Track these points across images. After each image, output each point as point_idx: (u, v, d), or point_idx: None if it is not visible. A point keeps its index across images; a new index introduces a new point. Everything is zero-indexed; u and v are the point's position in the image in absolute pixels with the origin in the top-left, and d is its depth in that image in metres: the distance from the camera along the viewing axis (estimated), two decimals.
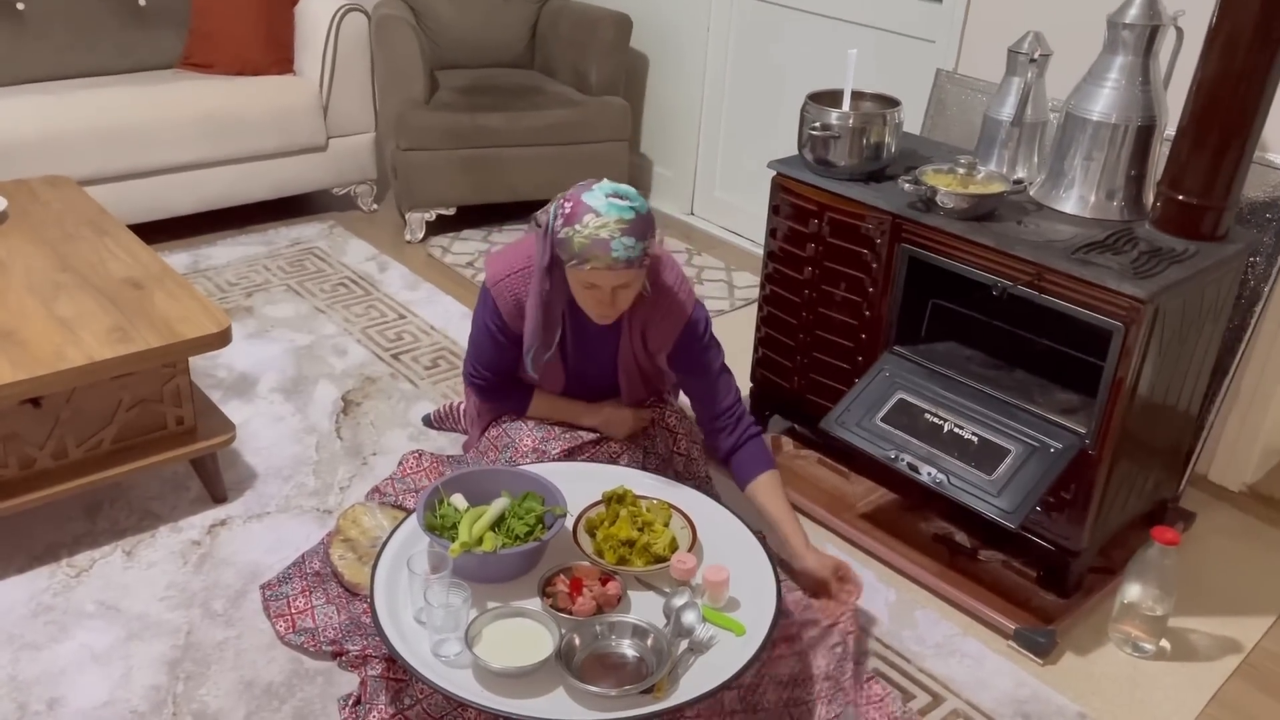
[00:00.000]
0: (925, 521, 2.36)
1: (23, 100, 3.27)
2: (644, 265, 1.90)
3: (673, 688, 1.65)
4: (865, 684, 1.92)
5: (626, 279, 1.88)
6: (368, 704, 1.79)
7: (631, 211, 1.85)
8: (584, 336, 2.12)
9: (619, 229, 1.83)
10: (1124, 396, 1.94)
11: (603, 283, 1.88)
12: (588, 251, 1.84)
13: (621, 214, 1.84)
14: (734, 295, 3.49)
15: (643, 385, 2.22)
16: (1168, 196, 2.05)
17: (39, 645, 1.92)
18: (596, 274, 1.86)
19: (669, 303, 2.05)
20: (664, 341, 2.09)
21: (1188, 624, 2.15)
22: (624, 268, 1.85)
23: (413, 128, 3.54)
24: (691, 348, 2.09)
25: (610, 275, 1.86)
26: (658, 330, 2.08)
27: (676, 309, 2.06)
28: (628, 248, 1.83)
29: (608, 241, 1.82)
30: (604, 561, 1.84)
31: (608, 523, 1.91)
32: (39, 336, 2.06)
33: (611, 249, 1.83)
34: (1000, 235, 2.04)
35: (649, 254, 1.89)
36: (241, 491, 2.37)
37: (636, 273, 1.89)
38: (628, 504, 1.95)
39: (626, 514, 1.91)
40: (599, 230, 1.82)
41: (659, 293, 2.05)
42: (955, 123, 2.82)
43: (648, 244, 1.87)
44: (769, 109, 3.68)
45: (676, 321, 2.06)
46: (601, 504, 1.97)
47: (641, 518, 1.92)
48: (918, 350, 2.29)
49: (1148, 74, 2.06)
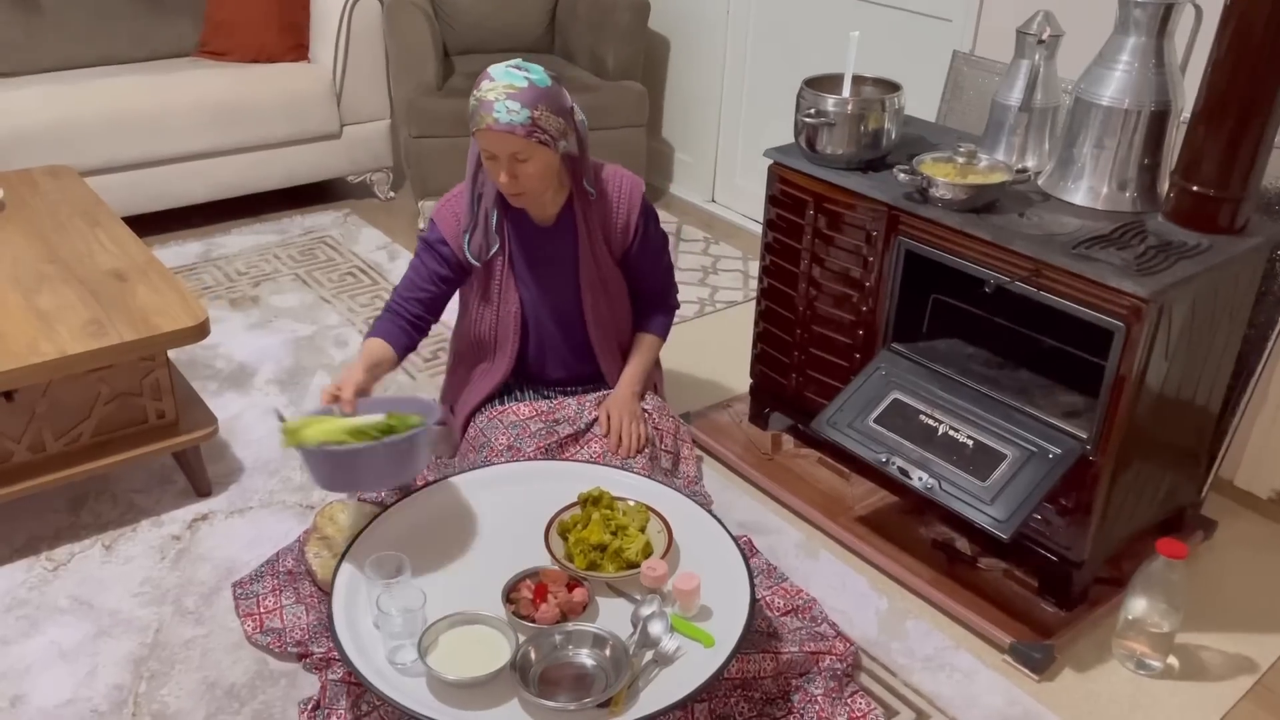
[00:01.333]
0: (925, 526, 2.26)
1: (39, 89, 3.29)
2: (534, 137, 1.92)
3: (631, 701, 1.58)
4: (848, 700, 1.84)
5: (514, 146, 1.91)
6: (327, 708, 1.75)
7: (525, 81, 1.91)
8: (534, 247, 2.14)
9: (505, 93, 1.89)
10: (1127, 400, 1.82)
11: (494, 148, 1.92)
12: (475, 114, 1.92)
13: (512, 80, 1.90)
14: (748, 285, 3.40)
15: (604, 300, 2.21)
16: (1181, 187, 1.92)
17: (9, 640, 1.92)
18: (483, 137, 1.92)
19: (618, 185, 2.15)
20: (626, 226, 2.16)
21: (1199, 640, 2.03)
22: (505, 131, 1.89)
23: (425, 114, 3.49)
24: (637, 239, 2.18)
25: (495, 139, 1.91)
26: (618, 215, 2.15)
27: (626, 188, 2.16)
28: (510, 110, 1.88)
29: (492, 103, 1.89)
30: (573, 566, 1.77)
31: (580, 525, 1.85)
32: (15, 329, 2.04)
33: (495, 109, 1.88)
34: (999, 228, 1.93)
35: (541, 127, 1.92)
36: (226, 485, 2.35)
37: (526, 144, 1.91)
38: (603, 506, 1.88)
39: (599, 517, 1.85)
40: (487, 93, 1.90)
41: (606, 181, 2.14)
42: (972, 107, 2.69)
43: (537, 114, 1.91)
44: (791, 93, 3.55)
45: (630, 200, 2.16)
46: (576, 505, 1.90)
47: (616, 521, 1.85)
48: (917, 348, 2.19)
49: (1162, 56, 1.93)
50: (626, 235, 2.17)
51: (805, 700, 1.81)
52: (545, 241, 2.13)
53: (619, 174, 2.18)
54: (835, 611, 2.05)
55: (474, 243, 2.09)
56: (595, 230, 2.14)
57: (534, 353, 2.23)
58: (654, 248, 2.24)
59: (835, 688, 1.83)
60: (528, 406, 2.20)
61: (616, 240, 2.17)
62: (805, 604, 2.01)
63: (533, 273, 2.15)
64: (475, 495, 1.96)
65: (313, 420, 1.84)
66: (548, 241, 2.13)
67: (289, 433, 1.80)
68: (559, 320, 2.20)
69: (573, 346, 2.23)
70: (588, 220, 2.13)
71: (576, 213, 2.12)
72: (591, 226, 2.13)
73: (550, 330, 2.20)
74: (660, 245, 2.26)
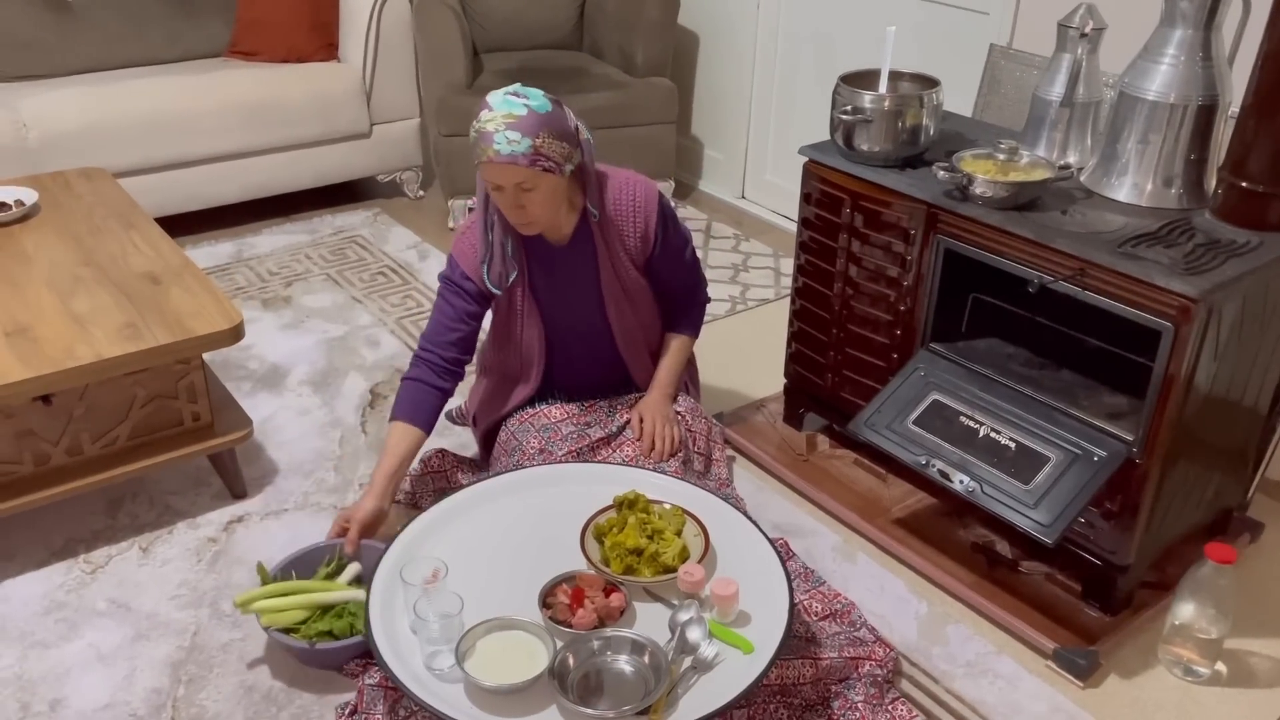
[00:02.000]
0: (964, 529, 2.23)
1: (71, 91, 3.30)
2: (538, 165, 1.86)
3: (671, 709, 1.57)
4: (889, 706, 1.81)
5: (520, 177, 1.86)
6: (364, 713, 1.75)
7: (524, 108, 1.85)
8: (553, 268, 2.09)
9: (505, 123, 1.84)
10: (1174, 402, 1.78)
11: (498, 180, 1.88)
12: (476, 146, 1.87)
13: (511, 109, 1.85)
14: (779, 283, 3.36)
15: (630, 310, 2.17)
16: (1230, 183, 1.87)
17: (48, 644, 1.93)
18: (486, 170, 1.88)
19: (629, 196, 2.08)
20: (645, 234, 2.10)
21: (1248, 645, 1.98)
22: (506, 162, 1.84)
23: (455, 113, 3.48)
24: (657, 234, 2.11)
25: (498, 171, 1.86)
26: (634, 226, 2.09)
27: (639, 199, 2.08)
28: (510, 141, 1.83)
29: (491, 135, 1.84)
30: (609, 571, 1.76)
31: (616, 529, 1.83)
32: (51, 333, 2.05)
33: (494, 142, 1.83)
34: (1041, 226, 1.89)
35: (544, 154, 1.86)
36: (262, 487, 2.35)
37: (530, 173, 1.86)
38: (638, 510, 1.86)
39: (635, 521, 1.83)
40: (486, 124, 1.85)
41: (615, 198, 2.07)
42: (1010, 102, 2.65)
43: (539, 142, 1.85)
44: (822, 88, 3.52)
45: (644, 209, 2.08)
46: (612, 509, 1.89)
47: (652, 525, 1.83)
48: (956, 348, 2.15)
49: (1209, 49, 1.89)
50: (647, 244, 2.11)
51: (846, 707, 1.78)
52: (564, 260, 2.09)
53: (632, 182, 2.10)
54: (874, 616, 2.02)
55: (493, 272, 2.04)
56: (614, 242, 2.08)
57: (561, 370, 2.21)
58: (675, 249, 2.17)
59: (876, 694, 1.81)
60: (559, 409, 2.18)
61: (636, 250, 2.11)
62: (844, 608, 1.99)
63: (554, 294, 2.11)
64: (509, 499, 1.95)
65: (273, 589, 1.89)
66: (566, 260, 2.09)
67: (241, 603, 1.86)
68: (585, 337, 2.17)
69: (601, 360, 2.21)
70: (605, 234, 2.07)
71: (592, 228, 2.07)
72: (609, 239, 2.08)
73: (577, 348, 2.18)
74: (682, 245, 2.20)
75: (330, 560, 2.00)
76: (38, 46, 3.48)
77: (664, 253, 2.15)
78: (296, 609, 1.86)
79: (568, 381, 2.22)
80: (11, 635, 1.94)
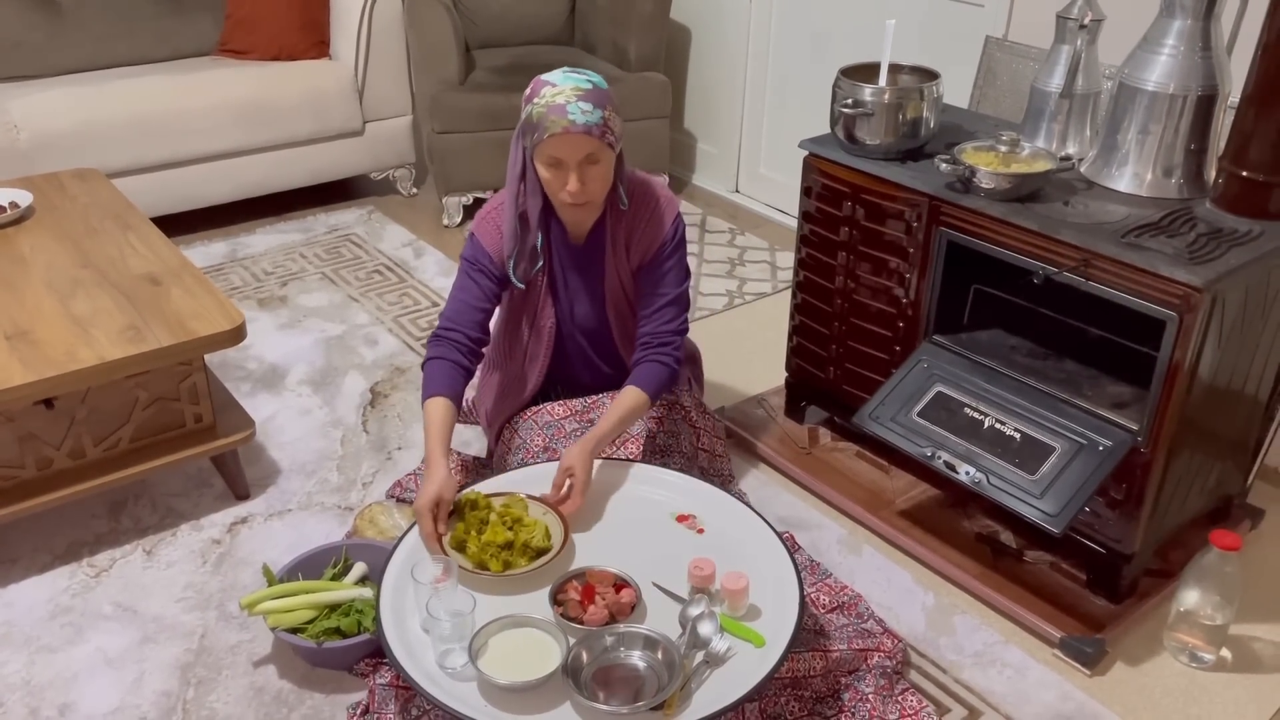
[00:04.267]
0: (969, 520, 2.23)
1: (61, 92, 3.28)
2: (606, 139, 1.88)
3: (685, 704, 1.57)
4: (899, 697, 1.82)
5: (588, 148, 1.87)
6: (375, 713, 1.75)
7: (588, 83, 1.88)
8: (568, 266, 2.09)
9: (575, 95, 1.85)
10: (1179, 391, 1.79)
11: (564, 154, 1.87)
12: (545, 120, 1.85)
13: (577, 83, 1.87)
14: (776, 277, 3.37)
15: (630, 312, 2.15)
16: (1231, 173, 1.89)
17: (54, 648, 1.91)
18: (556, 143, 1.86)
19: (652, 209, 2.07)
20: (648, 247, 2.08)
21: (1252, 631, 2.00)
22: (581, 133, 1.84)
23: (447, 110, 3.47)
24: (659, 255, 2.08)
25: (570, 142, 1.86)
26: (643, 236, 2.07)
27: (658, 215, 2.07)
28: (584, 111, 1.84)
29: (564, 105, 1.84)
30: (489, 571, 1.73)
31: (475, 531, 1.79)
32: (53, 336, 2.04)
33: (568, 112, 1.84)
34: (1044, 217, 1.90)
35: (611, 128, 1.89)
36: (264, 488, 2.34)
37: (599, 145, 1.88)
38: (482, 508, 1.83)
39: (494, 518, 1.81)
40: (555, 98, 1.85)
41: (639, 203, 2.06)
42: (1006, 94, 2.66)
43: (608, 115, 1.88)
44: (815, 81, 3.53)
45: (660, 225, 2.07)
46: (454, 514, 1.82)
47: (509, 515, 1.82)
48: (959, 340, 2.16)
49: (1208, 39, 1.89)
50: (646, 254, 2.08)
51: (856, 699, 1.79)
52: (577, 257, 2.10)
53: (661, 190, 2.10)
54: (881, 607, 2.03)
55: (519, 266, 2.04)
56: (620, 244, 2.08)
57: (564, 362, 2.21)
58: (669, 272, 2.09)
59: (886, 685, 1.81)
60: (562, 406, 2.18)
61: (636, 252, 2.09)
62: (851, 600, 1.99)
63: (568, 289, 2.12)
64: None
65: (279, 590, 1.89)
66: (580, 257, 2.10)
67: (247, 605, 1.86)
68: (587, 333, 2.18)
69: (602, 356, 2.22)
70: (614, 234, 2.07)
71: (606, 228, 2.07)
72: (617, 240, 2.08)
73: (579, 343, 2.19)
74: (673, 274, 2.10)
75: (336, 562, 1.99)
76: (27, 46, 3.45)
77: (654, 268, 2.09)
78: (303, 609, 1.86)
79: (569, 374, 2.22)
80: (17, 640, 1.93)
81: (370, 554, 1.99)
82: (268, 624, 1.84)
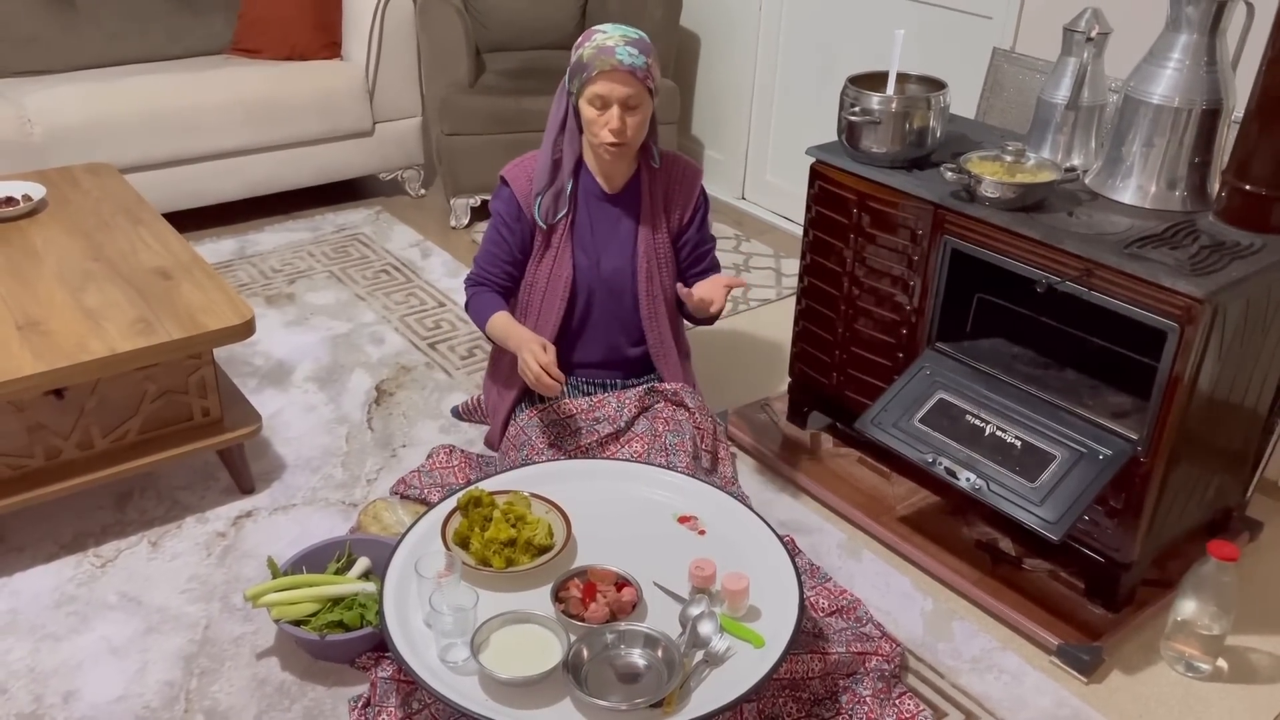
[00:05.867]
0: (968, 526, 2.25)
1: (74, 87, 3.30)
2: (647, 84, 2.01)
3: (684, 702, 1.58)
4: (896, 700, 1.83)
5: (632, 91, 1.98)
6: (377, 706, 1.76)
7: (636, 33, 2.03)
8: (600, 215, 2.18)
9: (623, 40, 1.99)
10: (1179, 401, 1.81)
11: (610, 93, 1.98)
12: (594, 60, 1.97)
13: (626, 32, 2.01)
14: (780, 284, 3.39)
15: (659, 275, 2.23)
16: (1234, 186, 1.90)
17: (59, 636, 1.93)
18: (603, 81, 1.97)
19: (682, 166, 2.22)
20: (686, 203, 2.21)
21: (1248, 642, 2.01)
22: (628, 71, 1.96)
23: (457, 112, 3.50)
24: (697, 214, 2.23)
25: (616, 82, 1.97)
26: (680, 193, 2.21)
27: (691, 169, 2.23)
28: (632, 55, 1.97)
29: (613, 48, 1.97)
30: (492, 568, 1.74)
31: (479, 528, 1.81)
32: (64, 327, 2.06)
33: (616, 53, 1.96)
34: (1048, 227, 1.92)
35: (653, 75, 2.02)
36: (269, 482, 2.36)
37: (641, 89, 2.00)
38: (486, 505, 1.84)
39: (498, 514, 1.82)
40: (605, 40, 1.98)
41: (670, 161, 2.20)
42: (1013, 105, 2.68)
43: (651, 62, 2.01)
44: (822, 90, 3.55)
45: (694, 179, 2.23)
46: (457, 513, 1.84)
47: (512, 512, 1.83)
48: (961, 347, 2.18)
49: (1214, 54, 1.91)
50: (685, 212, 2.22)
51: (854, 701, 1.81)
52: (610, 208, 2.18)
53: (682, 157, 2.25)
54: (880, 612, 2.04)
55: (544, 205, 2.13)
56: (658, 201, 2.19)
57: (577, 324, 2.22)
58: (707, 231, 2.28)
59: (883, 689, 1.83)
60: (569, 404, 2.19)
61: (675, 216, 2.21)
62: (850, 604, 2.01)
63: (594, 239, 2.18)
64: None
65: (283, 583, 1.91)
66: (613, 208, 2.18)
67: (251, 596, 1.88)
68: (611, 289, 2.20)
69: (621, 319, 2.22)
70: (652, 191, 2.18)
71: (643, 182, 2.17)
72: (655, 197, 2.18)
73: (601, 298, 2.20)
74: (709, 233, 2.29)
75: (340, 556, 2.01)
76: (42, 42, 3.48)
77: (699, 229, 2.25)
78: (307, 601, 1.87)
79: (579, 342, 2.24)
80: (23, 628, 1.95)
81: (374, 549, 2.01)
82: (272, 616, 1.85)
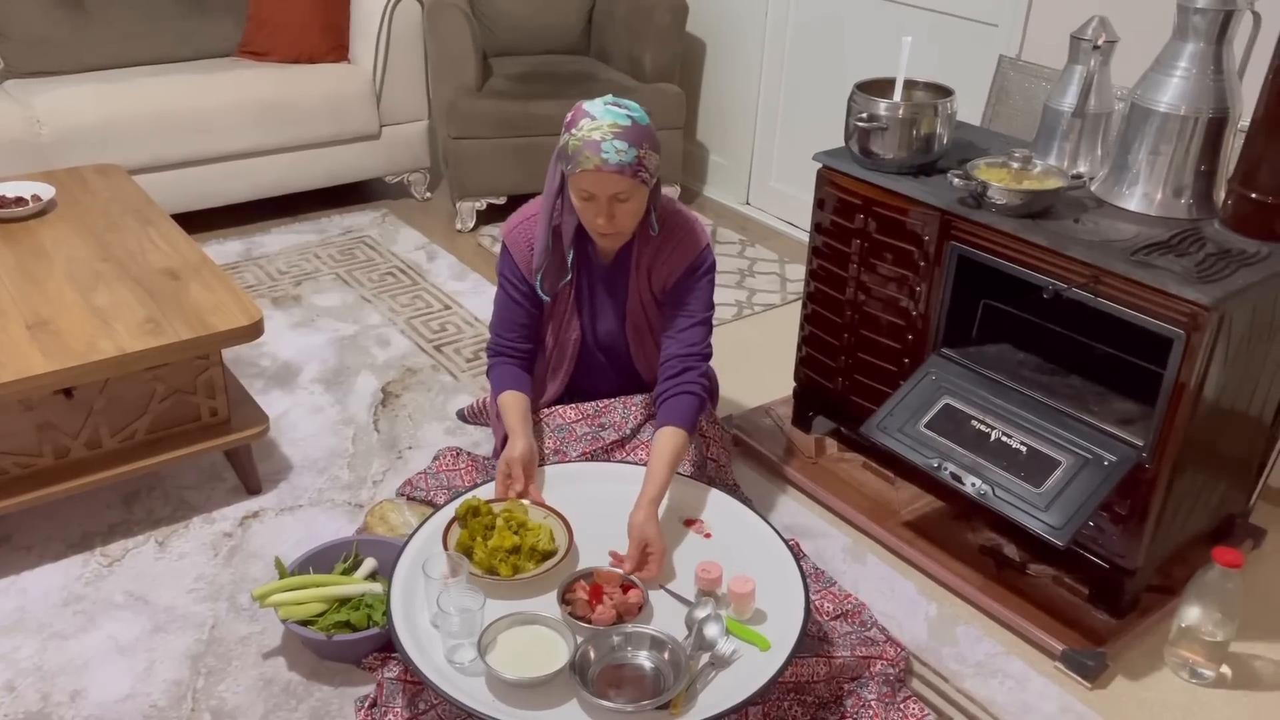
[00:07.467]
0: (973, 532, 2.25)
1: (84, 88, 3.32)
2: (639, 177, 1.87)
3: (690, 704, 1.59)
4: (901, 705, 1.84)
5: (619, 187, 1.87)
6: (383, 706, 1.77)
7: (627, 119, 1.86)
8: (595, 282, 2.11)
9: (611, 132, 1.84)
10: (1185, 408, 1.81)
11: (596, 189, 1.87)
12: (580, 154, 1.85)
13: (616, 119, 1.85)
14: (785, 289, 3.39)
15: (649, 334, 2.17)
16: (1240, 194, 1.91)
17: (66, 635, 1.94)
18: (588, 178, 1.86)
19: (679, 238, 2.06)
20: (670, 274, 2.07)
21: (1252, 649, 2.02)
22: (614, 171, 1.84)
23: (464, 116, 3.51)
24: (686, 280, 2.07)
25: (601, 179, 1.85)
26: (665, 263, 2.07)
27: (687, 243, 2.06)
28: (619, 151, 1.83)
29: (599, 143, 1.83)
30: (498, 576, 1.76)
31: (481, 537, 1.81)
32: (74, 327, 2.07)
33: (602, 150, 1.83)
34: (1055, 234, 1.92)
35: (645, 166, 1.88)
36: (276, 483, 2.36)
37: (631, 184, 1.87)
38: (485, 515, 1.85)
39: (501, 523, 1.83)
40: (591, 133, 1.84)
41: (669, 231, 2.05)
42: (1019, 113, 2.68)
43: (642, 153, 1.87)
44: (828, 96, 3.56)
45: (686, 254, 2.06)
46: (456, 524, 1.86)
47: (513, 519, 1.84)
48: (967, 353, 2.18)
49: (1220, 62, 1.92)
50: (670, 280, 2.08)
51: (859, 705, 1.81)
52: (604, 276, 2.11)
53: (685, 223, 2.08)
54: (884, 616, 2.05)
55: (546, 280, 2.06)
56: (643, 268, 2.08)
57: (584, 374, 2.23)
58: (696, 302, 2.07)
59: (888, 693, 1.83)
60: (574, 410, 2.20)
61: (658, 278, 2.09)
62: (854, 608, 2.01)
63: (593, 302, 2.14)
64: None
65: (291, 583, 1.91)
66: (605, 276, 2.11)
67: (259, 596, 1.88)
68: (607, 350, 2.20)
69: (619, 372, 2.23)
70: (639, 258, 2.07)
71: (634, 249, 2.07)
72: (641, 266, 2.08)
73: (600, 358, 2.21)
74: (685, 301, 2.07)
75: (346, 557, 2.02)
76: (52, 43, 3.49)
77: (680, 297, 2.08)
78: (314, 602, 1.88)
79: (587, 386, 2.24)
80: (30, 626, 1.96)
81: (380, 550, 2.01)
82: (279, 615, 1.86)
